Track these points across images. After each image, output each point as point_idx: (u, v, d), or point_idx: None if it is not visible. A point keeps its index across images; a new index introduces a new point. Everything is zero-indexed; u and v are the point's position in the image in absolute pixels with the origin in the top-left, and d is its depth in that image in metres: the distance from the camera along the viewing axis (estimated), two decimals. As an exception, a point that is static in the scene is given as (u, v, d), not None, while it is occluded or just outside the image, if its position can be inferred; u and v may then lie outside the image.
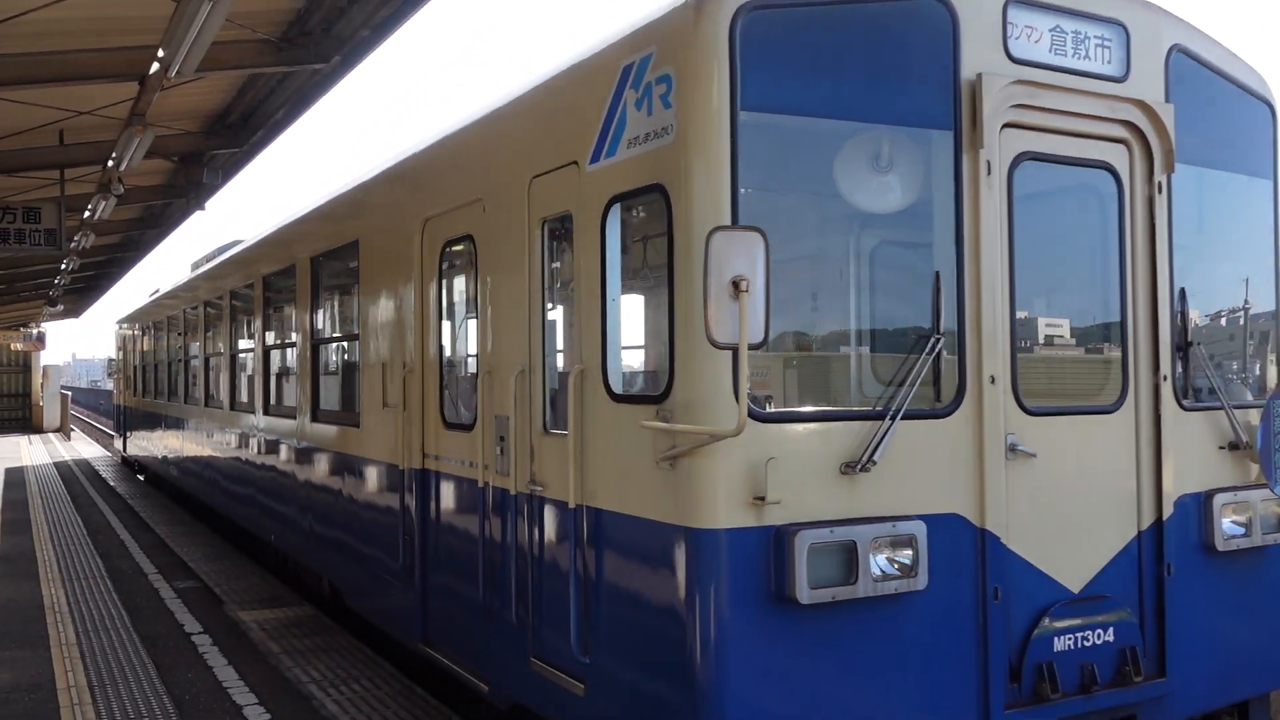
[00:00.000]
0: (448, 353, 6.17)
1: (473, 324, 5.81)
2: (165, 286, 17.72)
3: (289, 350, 9.98)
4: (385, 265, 6.81)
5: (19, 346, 37.77)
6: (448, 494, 6.03)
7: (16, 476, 21.22)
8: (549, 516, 4.86)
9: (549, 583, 4.88)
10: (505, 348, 5.21)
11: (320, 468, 8.31)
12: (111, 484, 20.75)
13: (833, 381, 4.79)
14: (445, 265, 6.10)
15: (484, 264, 5.44)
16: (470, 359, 6.09)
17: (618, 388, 4.38)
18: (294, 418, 9.00)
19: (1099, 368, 4.98)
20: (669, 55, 4.02)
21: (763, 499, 3.84)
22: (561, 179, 4.68)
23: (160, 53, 6.69)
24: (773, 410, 4.25)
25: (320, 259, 8.39)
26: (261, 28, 7.62)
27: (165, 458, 17.32)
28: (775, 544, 3.87)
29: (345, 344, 8.65)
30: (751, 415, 3.76)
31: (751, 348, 3.60)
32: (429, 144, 6.42)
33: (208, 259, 14.54)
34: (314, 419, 8.45)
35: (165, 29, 6.32)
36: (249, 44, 7.76)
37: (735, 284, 3.51)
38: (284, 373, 10.14)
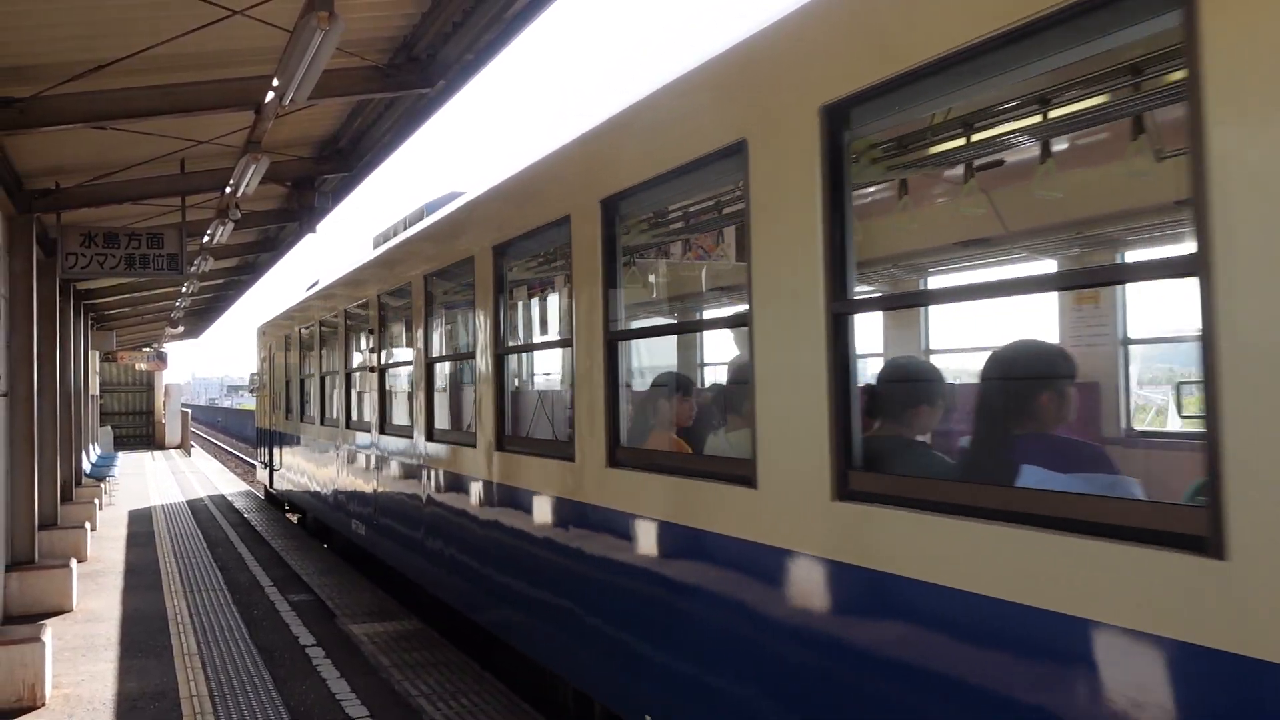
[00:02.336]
0: None
1: None
2: (334, 274, 13.47)
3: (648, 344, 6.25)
4: None
5: (142, 366, 39.46)
6: None
7: (143, 515, 21.95)
8: None
9: None
10: None
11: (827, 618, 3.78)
12: (247, 516, 21.35)
13: None
14: None
15: None
16: None
17: None
18: (693, 477, 4.64)
19: None
20: None
21: None
22: None
23: (275, 82, 6.90)
24: None
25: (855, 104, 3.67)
26: (369, 55, 7.82)
27: (339, 504, 12.62)
28: None
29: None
30: None
31: None
32: None
33: (408, 222, 10.35)
34: (768, 481, 4.04)
35: (279, 59, 6.53)
36: (358, 71, 7.96)
37: None
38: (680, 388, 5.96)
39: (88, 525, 13.76)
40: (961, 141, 4.43)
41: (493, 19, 7.05)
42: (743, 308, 4.21)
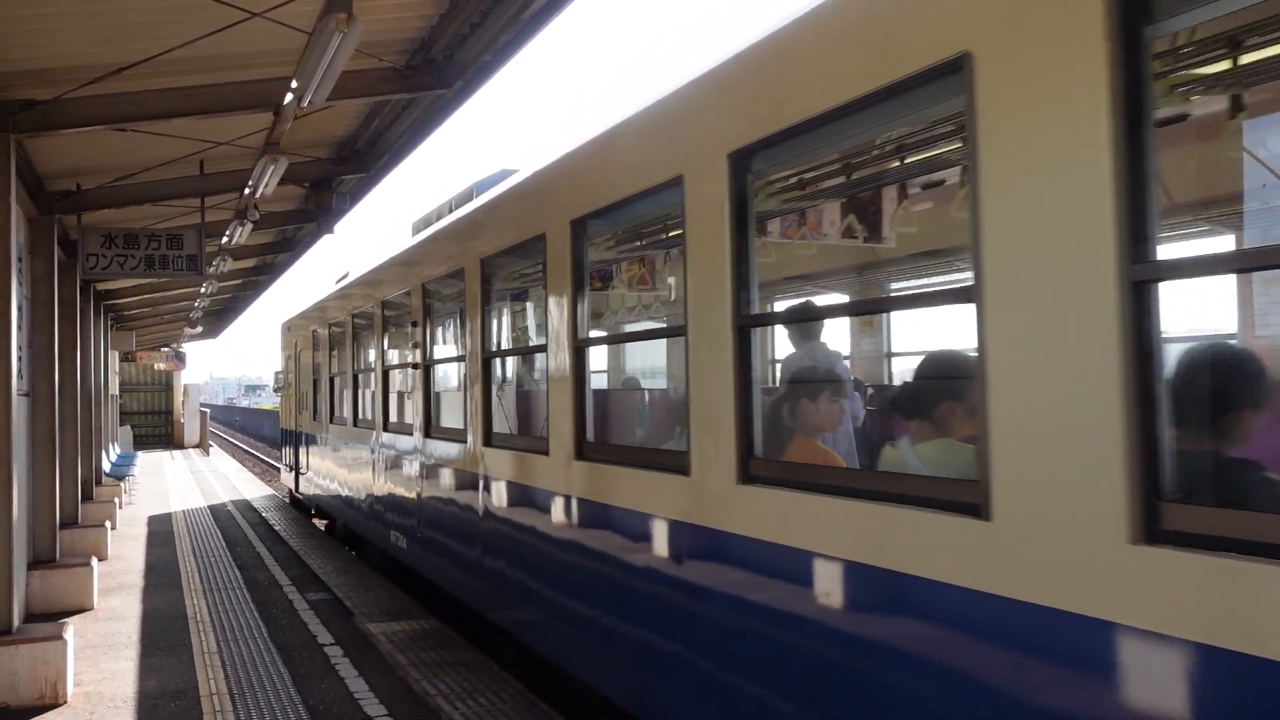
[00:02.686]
0: None
1: None
2: (369, 264, 12.46)
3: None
4: None
5: (161, 366, 39.70)
6: None
7: (163, 527, 21.95)
8: None
9: None
10: None
11: None
12: (273, 525, 21.36)
13: None
14: None
15: None
16: None
17: None
18: (873, 500, 3.63)
19: None
20: None
21: None
22: None
23: (293, 83, 6.94)
24: None
25: None
26: (387, 56, 7.84)
27: (375, 513, 11.67)
28: None
29: None
30: None
31: None
32: None
33: (454, 205, 9.48)
34: None
35: (297, 61, 6.56)
36: (376, 72, 7.99)
37: None
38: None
39: (108, 524, 13.86)
40: None
41: (510, 20, 7.06)
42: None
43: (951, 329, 3.48)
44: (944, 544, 3.22)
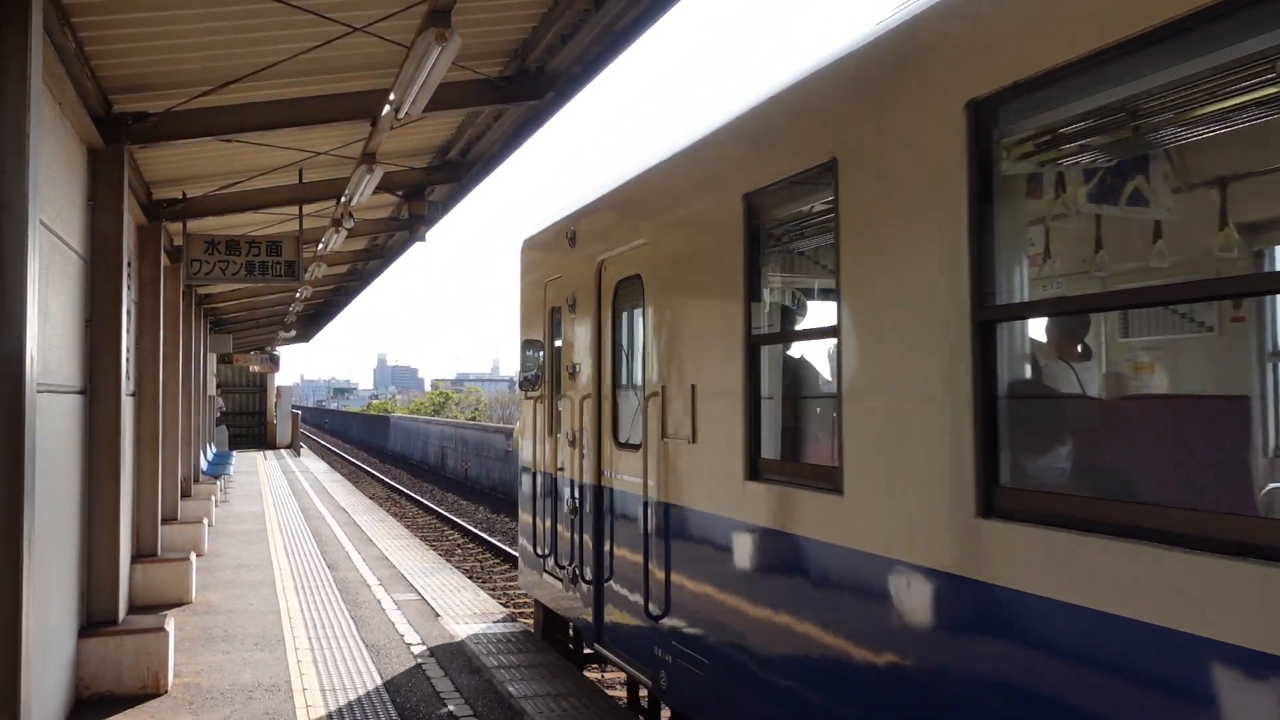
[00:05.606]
0: None
1: None
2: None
3: None
4: None
5: (256, 368, 40.83)
6: None
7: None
8: None
9: None
10: None
11: None
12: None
13: None
14: None
15: None
16: None
17: None
18: None
19: None
20: None
21: None
22: None
23: (391, 95, 7.11)
24: None
25: None
26: (482, 68, 7.99)
27: None
28: None
29: None
30: None
31: None
32: None
33: None
34: None
35: (396, 73, 6.73)
36: (470, 84, 8.14)
37: None
38: None
39: (205, 521, 14.31)
40: None
41: (602, 32, 7.14)
42: None
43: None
44: None
